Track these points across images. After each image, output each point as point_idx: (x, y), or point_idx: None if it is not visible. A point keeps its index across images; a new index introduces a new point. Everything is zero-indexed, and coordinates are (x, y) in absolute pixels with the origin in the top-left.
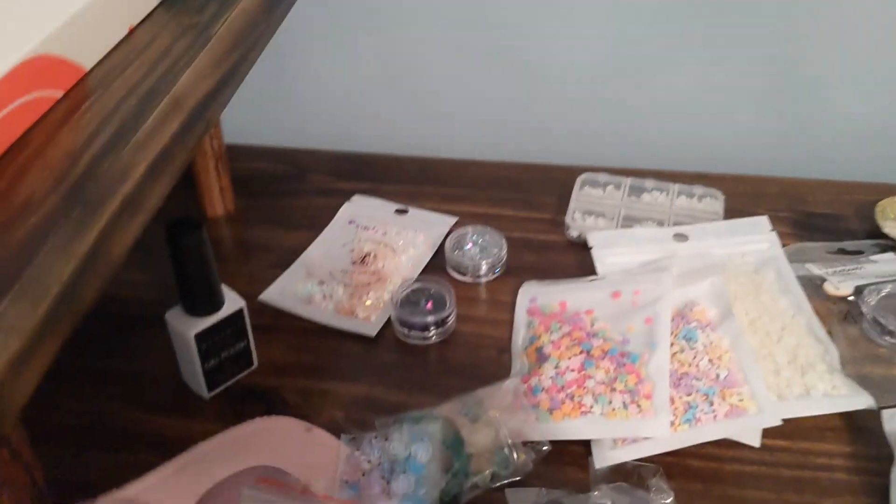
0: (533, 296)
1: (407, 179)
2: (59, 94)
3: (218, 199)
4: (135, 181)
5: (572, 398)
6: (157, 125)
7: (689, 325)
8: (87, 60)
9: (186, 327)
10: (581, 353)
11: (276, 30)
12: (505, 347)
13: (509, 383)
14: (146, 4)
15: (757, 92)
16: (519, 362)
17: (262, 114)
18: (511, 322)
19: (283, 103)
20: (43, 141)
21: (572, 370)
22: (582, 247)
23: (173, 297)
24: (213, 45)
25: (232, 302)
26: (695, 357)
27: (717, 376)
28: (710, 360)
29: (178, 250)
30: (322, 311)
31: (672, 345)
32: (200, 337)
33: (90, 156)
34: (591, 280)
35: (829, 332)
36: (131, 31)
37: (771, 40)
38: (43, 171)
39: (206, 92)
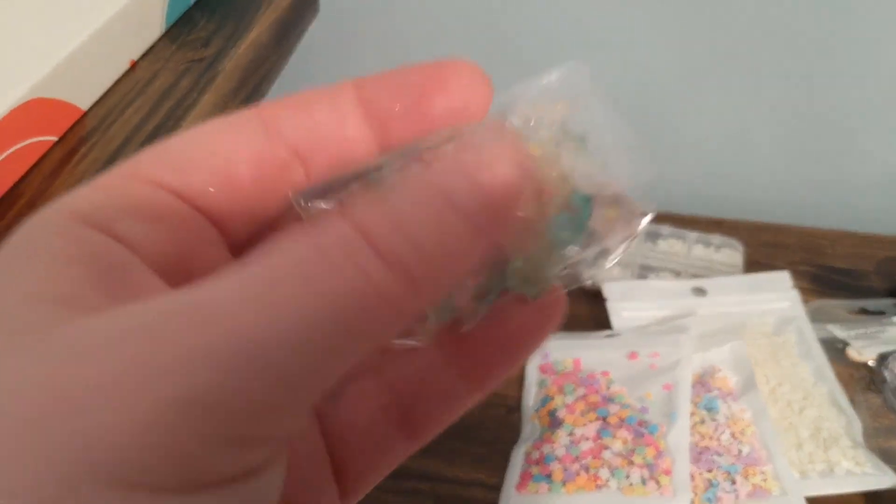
0: (545, 350)
1: None
2: (53, 139)
3: None
4: None
5: (587, 470)
6: None
7: (710, 394)
8: (85, 100)
9: None
10: (597, 419)
11: (285, 63)
12: (514, 406)
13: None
14: (148, 36)
15: (780, 135)
16: (530, 425)
17: None
18: (521, 377)
19: None
20: (34, 194)
21: (587, 439)
22: (595, 295)
23: None
24: (218, 84)
25: None
26: (716, 429)
27: (740, 452)
28: (733, 434)
29: None
30: None
31: (692, 414)
32: None
33: None
34: (607, 336)
35: (853, 401)
36: (133, 66)
37: (798, 82)
38: None
39: None
